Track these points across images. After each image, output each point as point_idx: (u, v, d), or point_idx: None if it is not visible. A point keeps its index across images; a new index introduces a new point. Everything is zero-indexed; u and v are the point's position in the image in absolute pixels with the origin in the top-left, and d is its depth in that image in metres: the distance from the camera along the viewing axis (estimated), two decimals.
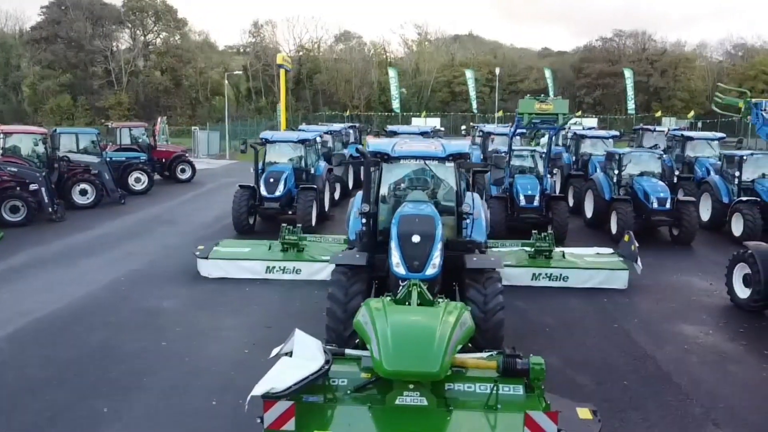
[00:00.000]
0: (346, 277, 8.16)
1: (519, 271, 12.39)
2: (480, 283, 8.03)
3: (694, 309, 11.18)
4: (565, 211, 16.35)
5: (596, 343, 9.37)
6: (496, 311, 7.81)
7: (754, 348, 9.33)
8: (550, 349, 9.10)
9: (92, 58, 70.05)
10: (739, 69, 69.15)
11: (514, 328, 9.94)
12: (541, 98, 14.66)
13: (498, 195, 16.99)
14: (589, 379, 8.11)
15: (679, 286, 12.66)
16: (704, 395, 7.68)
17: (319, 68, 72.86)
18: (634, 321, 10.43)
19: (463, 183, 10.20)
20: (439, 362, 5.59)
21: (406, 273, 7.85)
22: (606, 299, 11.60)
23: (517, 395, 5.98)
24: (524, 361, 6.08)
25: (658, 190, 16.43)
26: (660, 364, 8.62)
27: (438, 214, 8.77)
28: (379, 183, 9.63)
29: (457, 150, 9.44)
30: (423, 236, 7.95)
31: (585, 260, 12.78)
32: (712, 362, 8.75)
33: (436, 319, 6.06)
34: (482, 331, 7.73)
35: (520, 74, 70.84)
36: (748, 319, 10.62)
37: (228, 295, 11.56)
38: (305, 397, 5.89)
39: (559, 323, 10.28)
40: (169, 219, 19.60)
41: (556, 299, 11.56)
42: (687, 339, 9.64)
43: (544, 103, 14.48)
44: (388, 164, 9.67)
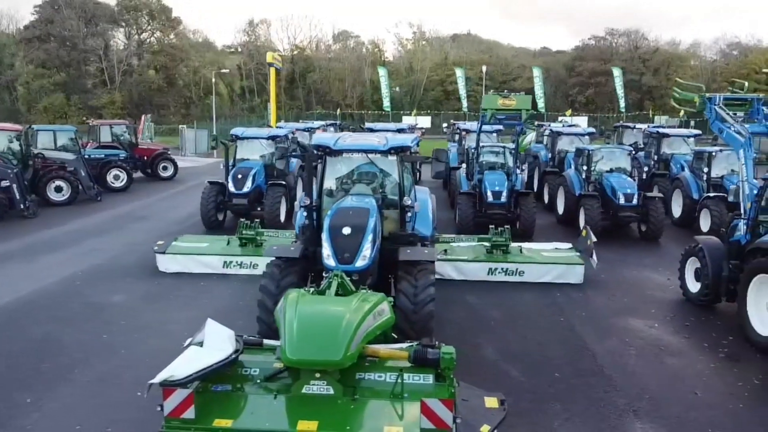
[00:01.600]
0: (279, 270, 8.20)
1: (475, 265, 12.42)
2: (412, 276, 8.05)
3: (645, 303, 11.19)
4: (532, 207, 16.36)
5: (537, 336, 9.38)
6: (426, 303, 7.83)
7: (695, 341, 9.34)
8: (490, 342, 9.15)
9: (85, 57, 70.14)
10: (732, 68, 69.05)
11: (459, 322, 10.04)
12: (504, 94, 14.69)
13: (467, 191, 17.01)
14: (521, 371, 8.12)
15: (637, 281, 12.68)
16: (632, 387, 7.69)
17: (312, 67, 72.91)
18: (582, 315, 10.45)
19: (408, 176, 10.25)
20: (342, 351, 5.61)
21: (336, 265, 7.89)
22: (560, 294, 11.62)
23: (427, 384, 6.00)
24: (435, 351, 6.09)
25: (626, 186, 16.45)
26: (596, 357, 8.64)
27: (376, 207, 8.82)
28: (323, 176, 9.66)
29: (399, 143, 9.48)
30: (354, 228, 7.99)
31: (542, 255, 12.79)
32: (649, 355, 8.77)
33: (345, 308, 6.08)
34: (412, 323, 7.78)
35: (513, 73, 70.80)
36: (696, 313, 10.64)
37: (182, 289, 11.60)
38: (214, 387, 5.94)
39: (506, 317, 10.30)
40: (142, 216, 19.62)
41: (510, 294, 11.58)
42: (630, 332, 9.66)
43: (507, 99, 14.50)
44: (331, 158, 9.70)
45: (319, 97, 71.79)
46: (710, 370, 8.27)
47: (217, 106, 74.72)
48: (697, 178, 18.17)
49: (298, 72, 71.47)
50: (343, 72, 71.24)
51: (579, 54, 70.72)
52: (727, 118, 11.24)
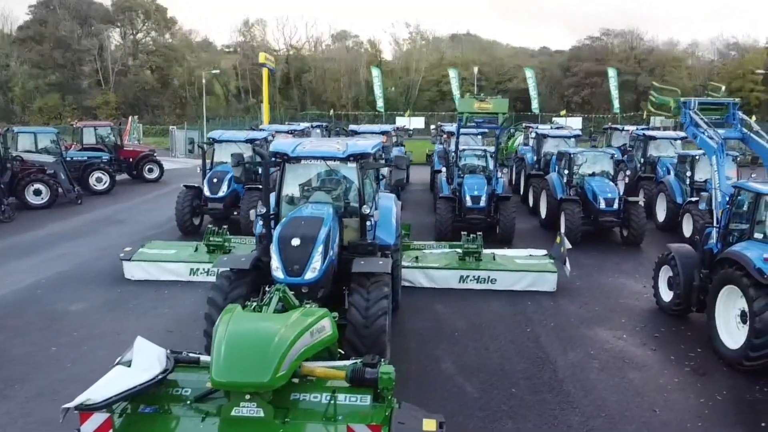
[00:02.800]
0: (229, 282, 7.95)
1: (446, 273, 12.17)
2: (365, 288, 7.79)
3: (617, 312, 10.94)
4: (512, 211, 16.09)
5: (499, 348, 9.13)
6: (378, 317, 7.56)
7: (662, 354, 9.09)
8: (450, 354, 8.91)
9: (80, 58, 69.88)
10: (729, 68, 68.76)
11: (423, 332, 9.81)
12: (480, 97, 14.43)
13: (445, 195, 16.76)
14: (477, 386, 7.88)
15: (612, 289, 12.43)
16: (590, 404, 7.45)
17: (308, 67, 72.64)
18: (550, 325, 10.20)
19: (370, 183, 10.01)
20: (270, 373, 5.36)
21: (284, 277, 7.65)
22: (531, 302, 11.37)
23: (364, 405, 5.77)
24: (373, 371, 5.86)
25: (606, 191, 16.19)
26: (557, 371, 8.39)
27: (333, 215, 8.58)
28: (281, 184, 9.41)
29: (359, 150, 9.21)
30: (303, 239, 7.74)
31: (515, 262, 12.54)
32: (612, 369, 8.52)
33: (277, 326, 5.82)
34: (362, 338, 7.53)
35: (508, 73, 70.49)
36: (667, 323, 10.39)
37: (142, 297, 11.35)
38: (142, 408, 5.71)
39: (471, 327, 10.04)
40: (120, 219, 19.39)
41: (480, 302, 11.33)
42: (596, 344, 9.41)
43: (484, 102, 14.26)
44: (291, 165, 9.46)
45: (314, 98, 71.50)
46: (673, 385, 8.02)
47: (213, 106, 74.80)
48: (681, 182, 17.90)
49: (293, 72, 71.16)
50: (339, 72, 70.93)
51: (575, 54, 70.37)
52: (700, 123, 10.99)
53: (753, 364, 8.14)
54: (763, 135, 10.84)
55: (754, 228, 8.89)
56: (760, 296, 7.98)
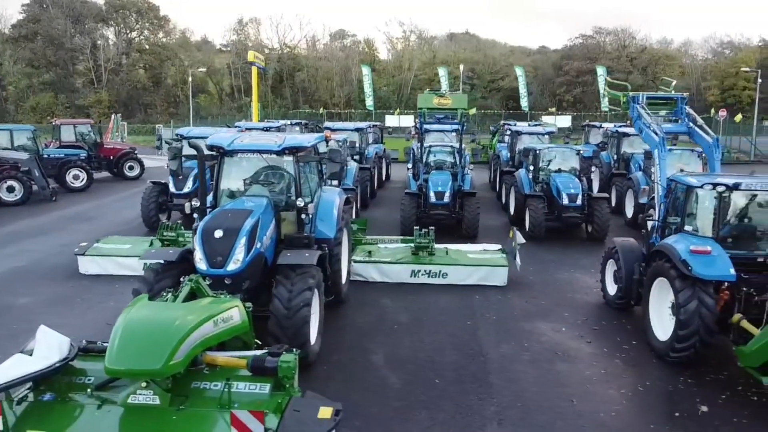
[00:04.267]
0: (155, 274, 7.99)
1: (398, 267, 12.21)
2: (289, 280, 7.84)
3: (562, 306, 10.97)
4: (476, 207, 16.12)
5: (435, 341, 9.17)
6: (300, 308, 7.61)
7: (596, 346, 9.12)
8: (384, 347, 8.95)
9: (72, 56, 69.95)
10: (722, 66, 68.80)
11: (363, 326, 9.85)
12: (439, 93, 14.48)
13: (411, 191, 16.80)
14: (402, 377, 7.92)
15: (564, 283, 12.46)
16: (510, 394, 7.49)
17: (300, 66, 72.67)
18: (492, 318, 10.23)
19: (310, 177, 10.05)
20: (162, 360, 5.41)
21: (207, 269, 7.71)
22: (479, 296, 11.40)
23: (262, 393, 5.83)
24: (273, 360, 5.92)
25: (570, 187, 16.22)
26: (487, 362, 8.43)
27: (266, 208, 8.65)
28: (219, 177, 9.46)
29: (294, 144, 9.27)
30: (227, 231, 7.79)
31: (467, 257, 12.57)
32: (542, 360, 8.55)
33: (177, 314, 5.88)
34: (284, 328, 7.58)
35: (501, 72, 70.50)
36: (610, 316, 10.43)
37: (93, 292, 11.41)
38: (42, 396, 5.77)
39: (413, 320, 10.08)
40: (90, 216, 19.44)
41: (429, 296, 11.36)
42: (533, 336, 9.44)
43: (443, 98, 14.29)
44: (229, 158, 9.51)
45: (306, 96, 71.54)
46: (599, 377, 8.05)
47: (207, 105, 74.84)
48: (648, 179, 17.90)
49: (286, 71, 71.18)
50: (331, 71, 70.97)
51: (567, 53, 70.40)
52: (645, 117, 11.03)
53: (679, 356, 8.18)
54: (706, 129, 10.90)
55: (685, 221, 8.93)
56: (685, 288, 8.01)
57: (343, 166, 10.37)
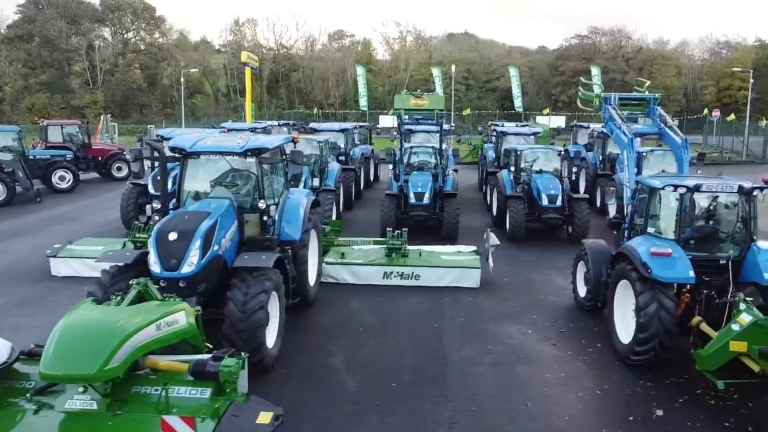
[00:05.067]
0: (110, 277, 7.93)
1: (370, 269, 12.15)
2: (245, 283, 7.78)
3: (532, 308, 10.90)
4: (455, 209, 16.06)
5: (399, 344, 9.11)
6: (255, 311, 7.55)
7: (561, 349, 9.07)
8: (346, 349, 8.90)
9: (68, 57, 69.93)
10: (717, 66, 68.71)
11: (329, 328, 9.81)
12: (416, 93, 14.44)
13: (391, 192, 16.73)
14: (360, 380, 7.86)
15: (538, 285, 12.40)
16: (465, 398, 7.43)
17: (296, 66, 72.67)
18: (460, 320, 10.17)
19: (276, 179, 10.00)
20: (97, 365, 5.36)
21: (161, 272, 7.65)
22: (450, 298, 11.34)
23: (202, 398, 5.78)
24: (215, 364, 5.87)
25: (550, 188, 16.16)
26: (447, 365, 8.38)
27: (226, 210, 8.61)
28: (182, 179, 9.41)
29: (257, 145, 9.21)
30: (181, 233, 7.73)
31: (440, 258, 12.52)
32: (504, 363, 8.50)
33: (116, 318, 5.83)
34: (238, 332, 7.52)
35: (496, 72, 70.43)
36: (579, 319, 10.37)
37: (62, 294, 11.35)
38: None
39: (379, 323, 10.02)
40: (73, 217, 19.39)
41: (399, 298, 11.30)
42: (498, 339, 9.39)
43: (420, 99, 14.24)
44: (193, 160, 9.45)
45: (301, 97, 71.54)
46: (558, 380, 8.00)
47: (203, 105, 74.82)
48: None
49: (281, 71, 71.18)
50: (327, 71, 70.98)
51: (562, 53, 70.34)
52: (616, 117, 10.98)
53: (639, 359, 8.13)
54: (676, 130, 10.85)
55: (648, 222, 8.87)
56: (645, 291, 7.96)
57: (320, 167, 10.26)
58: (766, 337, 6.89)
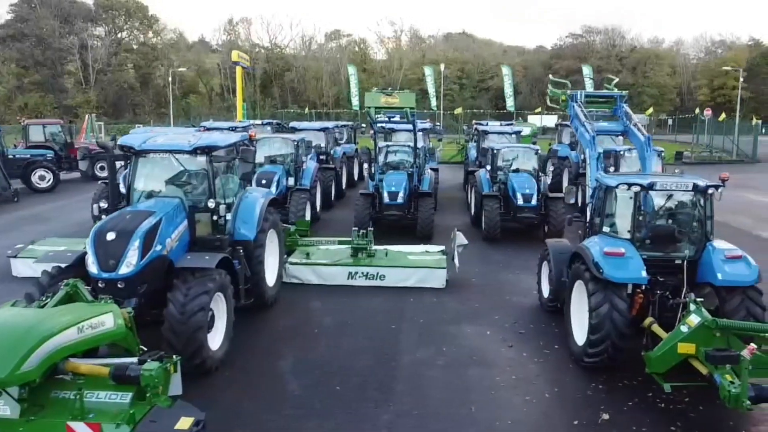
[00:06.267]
0: (49, 278, 7.76)
1: (334, 269, 11.98)
2: (186, 284, 7.61)
3: (496, 309, 10.72)
4: (430, 208, 15.91)
5: (352, 345, 8.93)
6: (194, 313, 7.38)
7: (517, 351, 8.89)
8: (297, 352, 8.73)
9: (60, 56, 69.69)
10: (711, 65, 68.55)
11: (283, 329, 9.66)
12: (387, 92, 14.27)
13: (366, 191, 16.54)
14: (304, 383, 7.68)
15: (506, 285, 12.22)
16: (410, 401, 7.26)
17: (289, 66, 72.51)
18: (419, 322, 10.00)
19: (231, 177, 9.82)
20: (9, 368, 5.20)
21: (98, 273, 7.48)
22: (413, 299, 11.17)
23: (121, 403, 5.62)
24: (136, 368, 5.71)
25: (525, 187, 15.99)
26: (398, 368, 8.20)
27: (174, 209, 8.46)
28: (133, 178, 9.24)
29: (207, 143, 9.03)
30: (119, 233, 7.56)
31: (406, 258, 12.35)
32: (456, 365, 8.32)
33: (33, 321, 5.66)
34: (177, 334, 7.35)
35: (490, 71, 70.27)
36: (541, 320, 10.19)
37: (19, 295, 11.07)
38: None
39: (337, 324, 9.85)
40: (49, 217, 19.23)
41: (362, 298, 11.13)
42: (455, 340, 9.21)
43: (391, 97, 14.08)
44: (143, 159, 9.28)
45: (295, 96, 71.37)
46: (509, 383, 7.83)
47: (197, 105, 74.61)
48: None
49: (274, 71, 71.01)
50: (320, 71, 70.82)
51: (557, 53, 70.18)
52: (580, 115, 10.81)
53: (592, 361, 7.95)
54: (640, 128, 10.69)
55: (604, 221, 8.70)
56: (597, 291, 7.79)
57: (295, 166, 10.04)
58: (714, 339, 6.74)
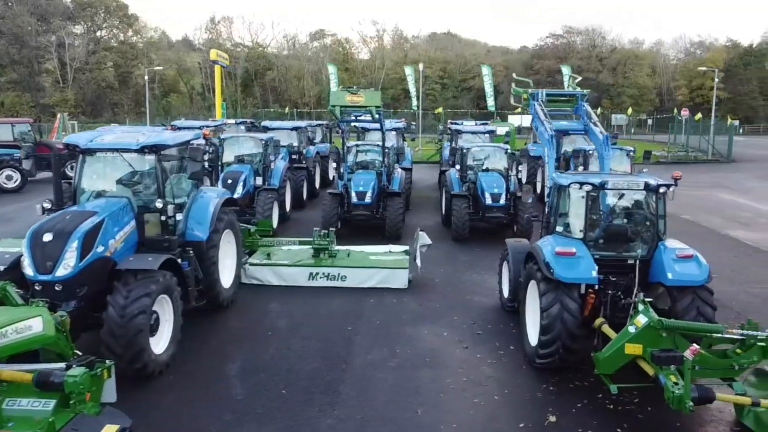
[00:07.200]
0: None
1: (295, 270, 11.80)
2: (127, 286, 7.39)
3: (455, 309, 10.60)
4: (398, 208, 15.77)
5: (303, 348, 8.76)
6: (135, 316, 7.17)
7: (471, 352, 8.77)
8: (245, 354, 8.56)
9: (37, 54, 68.70)
10: (690, 66, 69.20)
11: (236, 332, 9.47)
12: (352, 90, 14.06)
13: (334, 191, 16.37)
14: (248, 388, 7.50)
15: (468, 285, 12.10)
16: (356, 405, 7.11)
17: (271, 65, 72.09)
18: (377, 323, 9.85)
19: (184, 177, 9.61)
20: None
21: (34, 275, 7.25)
22: (374, 299, 11.02)
23: (43, 411, 5.40)
24: (60, 374, 5.50)
25: (493, 186, 15.89)
26: (348, 370, 8.04)
27: (120, 209, 8.27)
28: (79, 177, 9.00)
29: (155, 142, 8.81)
30: (57, 234, 7.33)
31: (368, 259, 12.21)
32: (407, 368, 8.18)
33: None
34: (117, 337, 7.14)
35: (472, 71, 70.32)
36: (500, 320, 10.07)
37: None
38: None
39: (291, 326, 9.68)
40: (11, 218, 18.82)
41: (324, 300, 10.96)
42: (409, 342, 9.07)
43: (356, 95, 13.90)
44: (90, 158, 9.04)
45: (276, 95, 70.97)
46: (459, 385, 7.70)
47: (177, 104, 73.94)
48: None
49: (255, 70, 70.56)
50: (302, 70, 70.50)
51: (537, 53, 70.43)
52: (540, 114, 10.74)
53: (543, 362, 7.85)
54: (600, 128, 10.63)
55: (557, 221, 8.62)
56: (549, 291, 7.69)
57: (263, 165, 9.78)
58: (661, 339, 6.66)
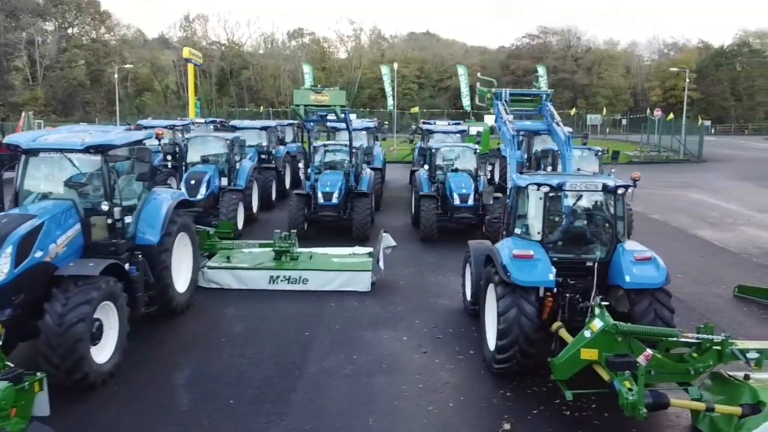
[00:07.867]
0: None
1: (255, 273, 11.51)
2: (66, 293, 7.06)
3: (418, 313, 10.39)
4: (365, 208, 15.56)
5: (257, 354, 8.49)
6: (73, 324, 6.84)
7: (430, 357, 8.58)
8: (195, 362, 8.27)
9: (6, 52, 67.16)
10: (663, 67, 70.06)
11: (189, 338, 9.15)
12: (317, 89, 13.82)
13: (300, 192, 16.08)
14: (195, 398, 7.22)
15: (433, 288, 11.91)
16: (306, 414, 6.87)
17: (246, 64, 71.40)
18: (336, 327, 9.61)
19: (132, 178, 9.27)
20: None
21: None
22: (335, 303, 10.77)
23: None
24: None
25: (461, 187, 15.75)
26: (301, 378, 7.80)
27: (63, 212, 7.93)
28: (21, 179, 8.62)
29: (100, 142, 8.46)
30: None
31: (331, 261, 11.97)
32: (362, 374, 7.95)
33: None
34: (54, 347, 6.81)
35: (448, 71, 70.39)
36: (460, 324, 9.88)
37: None
38: None
39: (246, 331, 9.40)
40: None
41: (283, 303, 10.69)
42: (367, 347, 8.85)
43: (320, 95, 13.65)
44: (34, 159, 8.66)
45: (252, 95, 70.31)
46: (414, 392, 7.49)
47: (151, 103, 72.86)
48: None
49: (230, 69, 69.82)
50: (278, 69, 69.94)
51: (514, 52, 70.76)
52: (503, 114, 10.60)
53: (501, 367, 7.68)
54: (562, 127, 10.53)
55: (516, 223, 8.46)
56: (506, 295, 7.52)
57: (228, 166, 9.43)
58: (616, 344, 6.52)
